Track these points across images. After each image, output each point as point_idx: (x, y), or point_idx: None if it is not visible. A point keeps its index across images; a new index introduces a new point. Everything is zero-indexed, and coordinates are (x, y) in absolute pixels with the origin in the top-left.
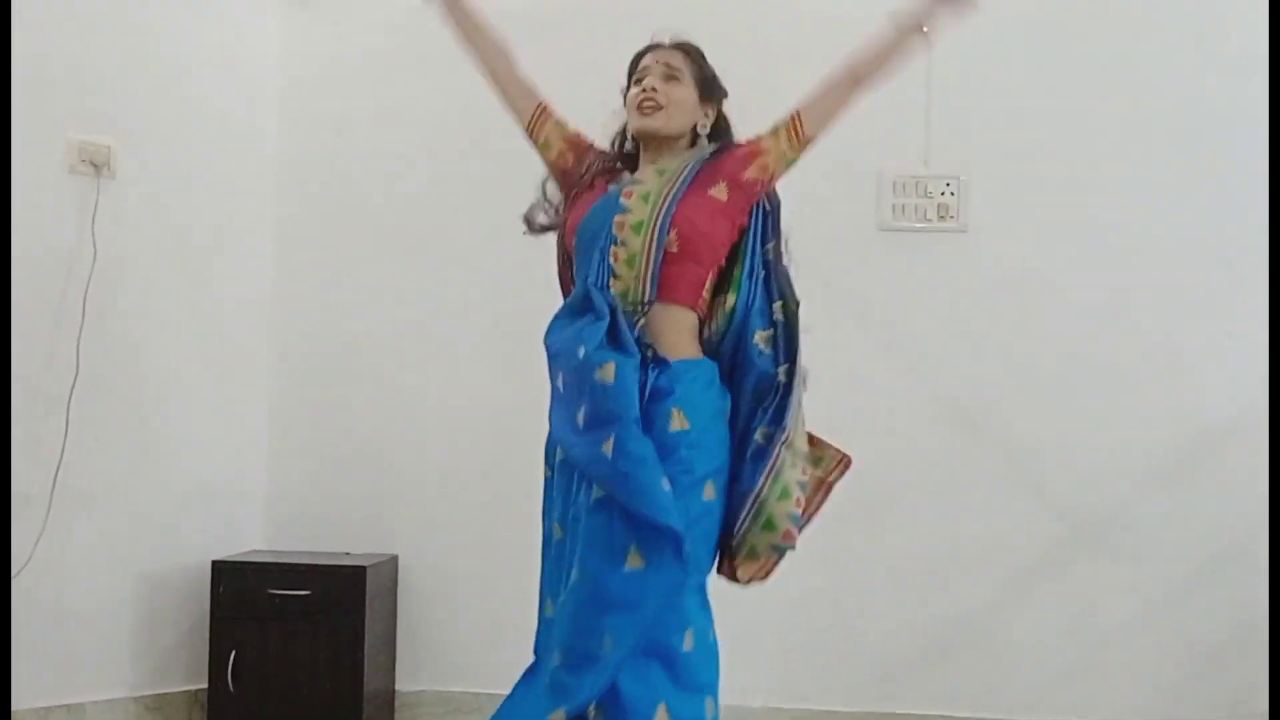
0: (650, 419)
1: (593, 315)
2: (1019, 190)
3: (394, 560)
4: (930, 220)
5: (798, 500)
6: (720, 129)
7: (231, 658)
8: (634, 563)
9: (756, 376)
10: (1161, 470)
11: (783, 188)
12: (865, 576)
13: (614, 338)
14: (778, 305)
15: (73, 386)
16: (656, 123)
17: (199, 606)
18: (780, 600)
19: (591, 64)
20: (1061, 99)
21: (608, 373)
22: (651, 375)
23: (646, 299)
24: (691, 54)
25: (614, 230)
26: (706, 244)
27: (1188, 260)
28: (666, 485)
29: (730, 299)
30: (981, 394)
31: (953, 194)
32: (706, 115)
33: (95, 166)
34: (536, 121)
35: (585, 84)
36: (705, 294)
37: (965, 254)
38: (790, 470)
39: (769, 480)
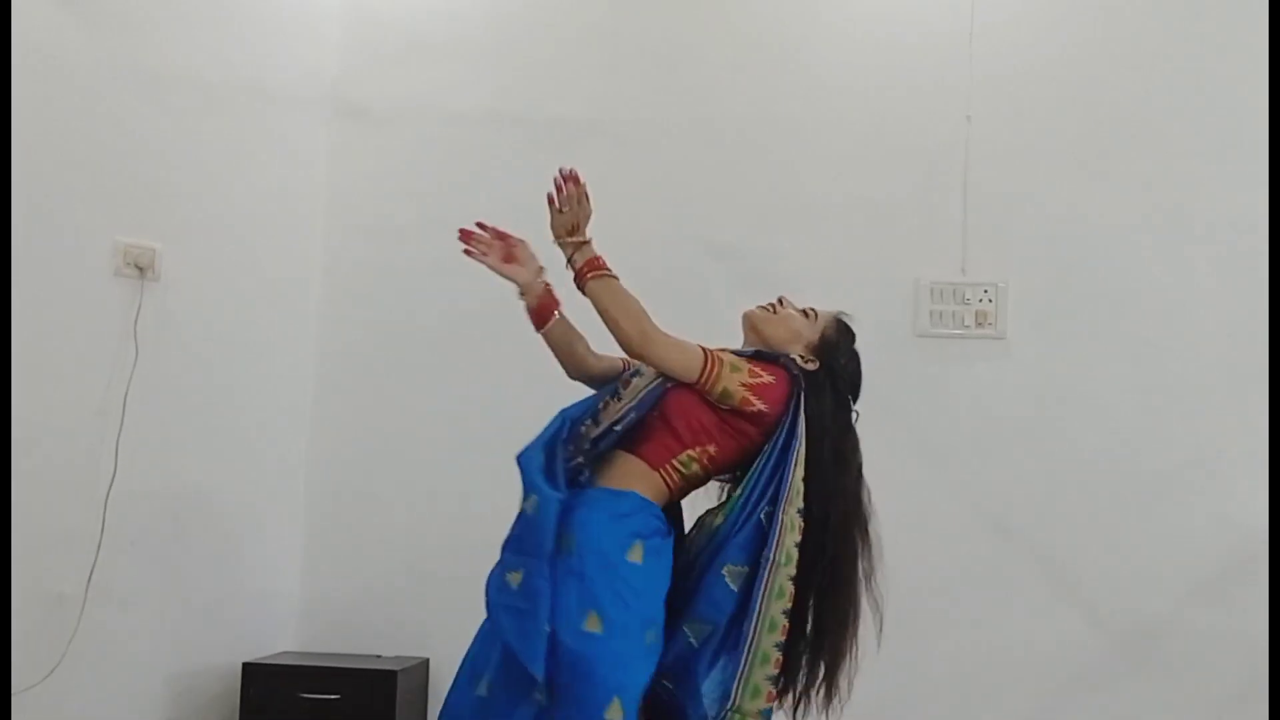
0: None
1: (543, 438)
2: (1057, 297)
3: (425, 664)
4: (968, 327)
5: None
6: (817, 388)
7: None
8: (480, 690)
9: (699, 615)
10: (1203, 582)
11: (821, 292)
12: (902, 690)
13: (547, 468)
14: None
15: (110, 486)
16: (757, 315)
17: (229, 708)
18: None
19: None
20: (1099, 208)
21: (531, 504)
22: (571, 495)
23: (597, 440)
24: (840, 322)
25: (620, 386)
26: (684, 421)
27: (1227, 369)
28: (548, 629)
29: (718, 519)
30: (1020, 502)
31: (990, 301)
32: (807, 361)
33: (140, 269)
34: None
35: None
36: (676, 465)
37: (1003, 361)
38: None
39: None
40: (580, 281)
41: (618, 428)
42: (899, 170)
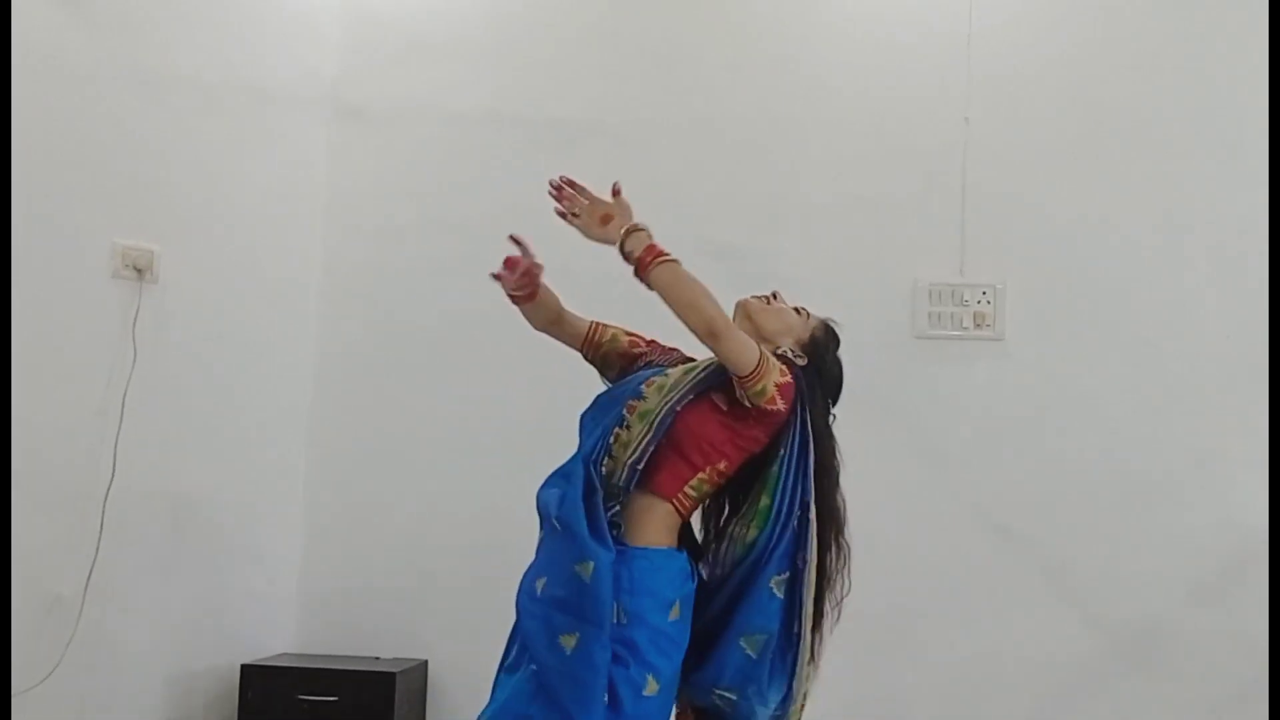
0: None
1: (578, 490)
2: (1056, 298)
3: (423, 665)
4: (966, 328)
5: None
6: (810, 386)
7: None
8: None
9: (753, 628)
10: (1203, 583)
11: (821, 292)
12: (903, 690)
13: (593, 525)
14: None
15: (109, 487)
16: (753, 304)
17: (227, 709)
18: (816, 714)
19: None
20: (1098, 209)
21: (586, 570)
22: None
23: (624, 484)
24: (829, 326)
25: (625, 412)
26: (696, 444)
27: (1227, 369)
28: (605, 699)
29: (751, 531)
30: (1019, 503)
31: (989, 302)
32: (797, 356)
33: (138, 271)
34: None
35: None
36: (688, 491)
37: (1002, 362)
38: None
39: None
40: (642, 271)
41: (640, 466)
42: (898, 171)
